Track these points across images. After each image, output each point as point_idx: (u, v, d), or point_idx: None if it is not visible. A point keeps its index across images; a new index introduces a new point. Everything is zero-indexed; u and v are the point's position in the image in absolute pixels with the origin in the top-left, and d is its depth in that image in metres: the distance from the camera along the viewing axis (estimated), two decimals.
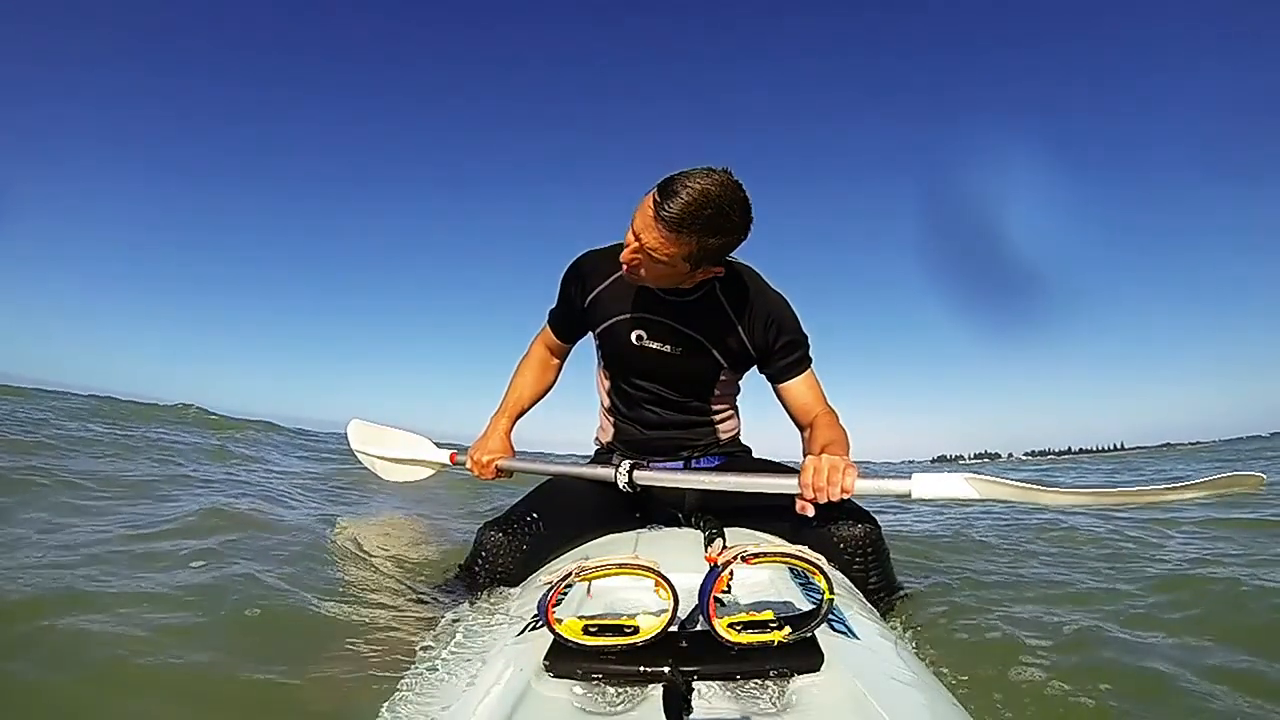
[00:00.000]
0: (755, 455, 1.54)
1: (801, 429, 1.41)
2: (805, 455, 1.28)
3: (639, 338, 1.36)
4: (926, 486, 1.16)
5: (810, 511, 1.16)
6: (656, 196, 1.11)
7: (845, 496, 1.12)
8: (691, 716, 0.53)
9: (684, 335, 1.34)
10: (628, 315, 1.36)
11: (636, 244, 1.16)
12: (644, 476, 1.31)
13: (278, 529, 1.84)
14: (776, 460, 1.49)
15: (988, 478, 1.15)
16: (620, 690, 0.58)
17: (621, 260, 1.23)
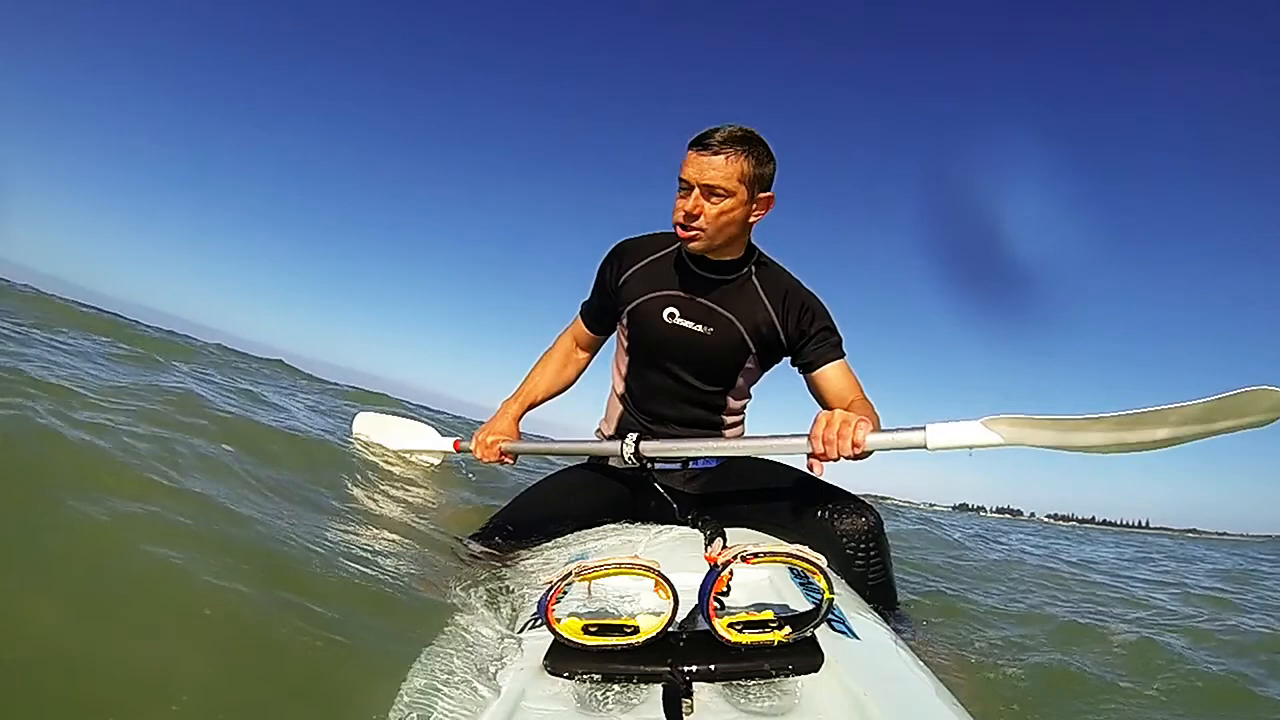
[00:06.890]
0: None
1: None
2: None
3: (671, 315, 1.37)
4: (942, 435, 1.04)
5: (819, 470, 1.15)
6: (696, 143, 1.24)
7: (856, 451, 1.09)
8: (691, 716, 0.53)
9: (717, 314, 1.36)
10: (661, 293, 1.38)
11: (695, 191, 1.24)
12: (651, 447, 1.31)
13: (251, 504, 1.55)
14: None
15: (1008, 416, 1.00)
16: (620, 690, 0.58)
17: (678, 221, 1.27)
